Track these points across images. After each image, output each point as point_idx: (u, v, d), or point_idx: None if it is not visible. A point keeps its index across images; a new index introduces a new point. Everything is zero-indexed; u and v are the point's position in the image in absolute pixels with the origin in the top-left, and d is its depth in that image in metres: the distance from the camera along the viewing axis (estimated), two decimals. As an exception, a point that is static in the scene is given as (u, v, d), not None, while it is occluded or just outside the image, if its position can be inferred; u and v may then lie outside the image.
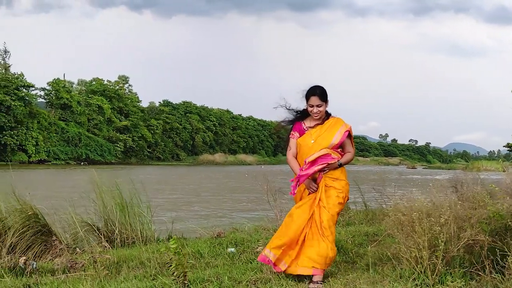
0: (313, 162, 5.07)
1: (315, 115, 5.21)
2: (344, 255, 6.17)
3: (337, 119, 5.30)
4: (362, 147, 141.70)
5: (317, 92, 5.16)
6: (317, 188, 5.11)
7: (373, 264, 5.28)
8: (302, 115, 5.38)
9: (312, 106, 5.18)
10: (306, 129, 5.31)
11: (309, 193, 5.17)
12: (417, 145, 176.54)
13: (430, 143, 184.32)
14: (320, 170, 5.09)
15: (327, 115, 5.31)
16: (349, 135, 5.28)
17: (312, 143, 5.17)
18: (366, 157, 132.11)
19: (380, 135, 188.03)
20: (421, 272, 4.63)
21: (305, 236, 5.03)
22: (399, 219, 5.01)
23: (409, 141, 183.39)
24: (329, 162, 5.07)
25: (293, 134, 5.34)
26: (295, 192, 5.20)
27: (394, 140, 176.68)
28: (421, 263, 4.66)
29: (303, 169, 5.07)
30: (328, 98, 5.22)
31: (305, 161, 5.07)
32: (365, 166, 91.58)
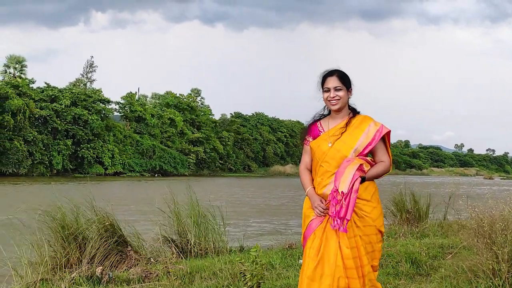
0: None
1: (333, 102, 3.81)
2: (418, 267, 6.04)
3: (364, 116, 3.88)
4: (437, 157, 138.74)
5: (335, 73, 3.85)
6: (325, 211, 3.67)
7: (448, 277, 5.15)
8: (322, 116, 4.02)
9: (329, 90, 3.82)
10: (322, 130, 3.92)
11: (315, 218, 3.75)
12: (494, 155, 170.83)
13: (508, 153, 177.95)
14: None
15: (353, 113, 3.92)
16: (383, 138, 3.84)
17: (329, 147, 3.78)
18: (441, 167, 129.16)
19: (455, 145, 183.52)
20: (498, 285, 4.50)
21: None
22: (478, 230, 4.87)
23: (486, 150, 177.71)
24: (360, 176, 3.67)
25: (307, 140, 3.98)
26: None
27: (470, 150, 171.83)
28: (499, 275, 4.53)
29: (338, 201, 3.56)
30: (352, 87, 3.88)
31: (337, 190, 3.58)
32: (439, 177, 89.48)
